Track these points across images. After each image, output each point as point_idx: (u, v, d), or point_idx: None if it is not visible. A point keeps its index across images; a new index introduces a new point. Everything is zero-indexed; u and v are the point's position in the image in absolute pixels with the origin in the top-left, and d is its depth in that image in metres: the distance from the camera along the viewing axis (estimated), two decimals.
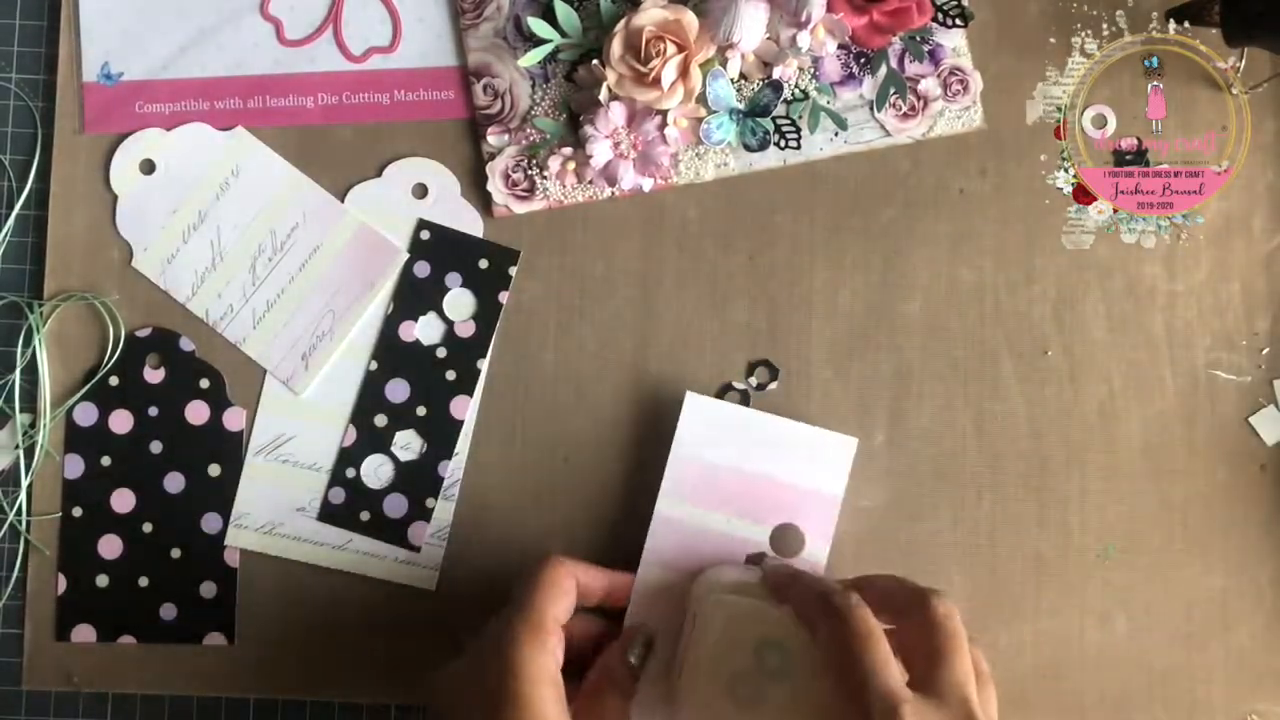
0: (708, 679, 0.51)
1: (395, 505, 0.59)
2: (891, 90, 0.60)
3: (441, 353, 0.60)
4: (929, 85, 0.60)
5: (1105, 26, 0.61)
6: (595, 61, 0.58)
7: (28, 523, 0.59)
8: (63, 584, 0.59)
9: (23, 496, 0.59)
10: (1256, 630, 0.59)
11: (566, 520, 0.59)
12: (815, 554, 0.57)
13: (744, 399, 0.59)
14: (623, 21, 0.57)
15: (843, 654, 0.45)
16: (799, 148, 0.60)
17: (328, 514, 0.59)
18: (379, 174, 0.60)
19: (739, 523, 0.57)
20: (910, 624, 0.47)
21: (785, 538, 0.57)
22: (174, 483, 0.59)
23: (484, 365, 0.60)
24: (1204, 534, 0.59)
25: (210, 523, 0.59)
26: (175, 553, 0.59)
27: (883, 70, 0.60)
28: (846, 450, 0.57)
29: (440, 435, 0.59)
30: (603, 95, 0.58)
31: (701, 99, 0.58)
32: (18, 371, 0.60)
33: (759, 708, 0.50)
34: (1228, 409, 0.60)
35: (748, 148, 0.60)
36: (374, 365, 0.60)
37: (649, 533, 0.56)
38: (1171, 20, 0.60)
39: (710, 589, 0.53)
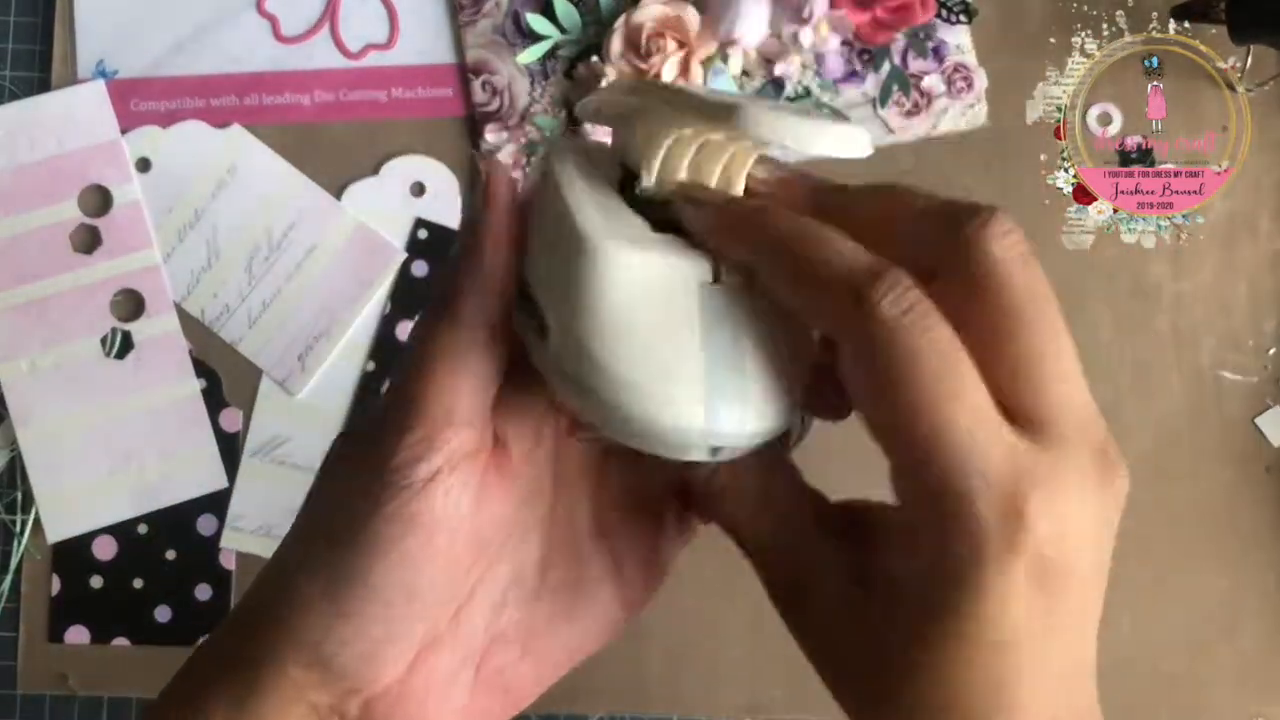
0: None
1: None
2: (895, 87, 0.59)
3: None
4: (933, 82, 0.60)
5: (1105, 26, 0.60)
6: (595, 58, 0.58)
7: (22, 523, 0.59)
8: (57, 585, 0.59)
9: (18, 496, 0.59)
10: (1263, 633, 0.59)
11: None
12: None
13: None
14: (623, 17, 0.57)
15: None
16: None
17: None
18: (376, 172, 0.60)
19: None
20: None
21: None
22: None
23: None
24: (1210, 536, 0.59)
25: (205, 524, 0.59)
26: (170, 554, 0.59)
27: (886, 67, 0.60)
28: None
29: None
30: None
31: None
32: None
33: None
34: (1234, 410, 0.59)
35: None
36: (371, 365, 0.59)
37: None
38: (1173, 19, 0.59)
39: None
